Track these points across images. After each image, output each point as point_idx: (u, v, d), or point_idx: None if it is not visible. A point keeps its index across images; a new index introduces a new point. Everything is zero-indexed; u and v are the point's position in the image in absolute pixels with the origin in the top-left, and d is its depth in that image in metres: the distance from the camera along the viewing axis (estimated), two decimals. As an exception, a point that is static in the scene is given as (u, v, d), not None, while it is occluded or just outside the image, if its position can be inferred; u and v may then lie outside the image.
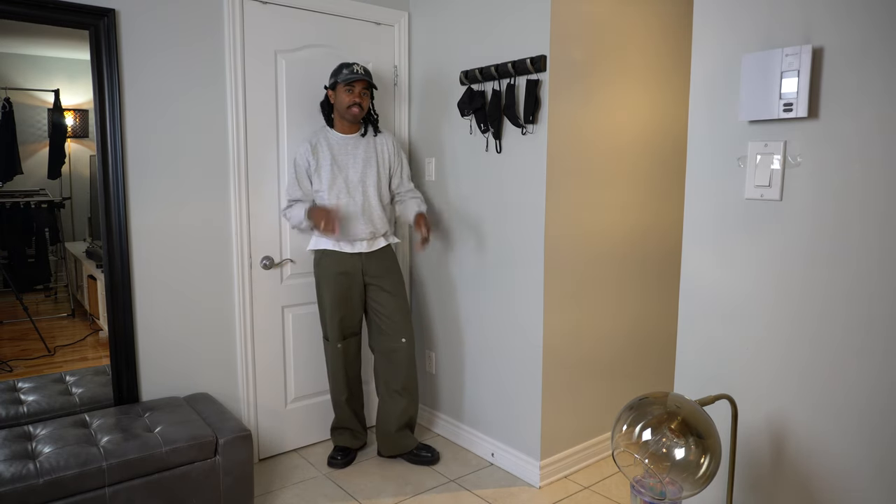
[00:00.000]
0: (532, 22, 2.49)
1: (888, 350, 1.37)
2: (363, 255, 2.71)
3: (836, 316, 1.45)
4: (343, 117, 2.66)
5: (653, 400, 1.42)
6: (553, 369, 2.65)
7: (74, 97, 2.51)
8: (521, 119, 2.56)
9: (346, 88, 2.60)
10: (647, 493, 1.39)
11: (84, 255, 2.67)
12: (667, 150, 2.99)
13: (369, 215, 2.70)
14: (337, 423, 2.89)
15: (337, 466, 2.81)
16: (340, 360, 2.77)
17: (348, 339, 2.78)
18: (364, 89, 2.63)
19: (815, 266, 1.48)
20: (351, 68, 2.59)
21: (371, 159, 2.72)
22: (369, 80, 2.62)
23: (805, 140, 1.47)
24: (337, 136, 2.70)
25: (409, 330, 2.80)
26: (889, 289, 1.36)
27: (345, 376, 2.79)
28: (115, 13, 2.31)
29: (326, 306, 2.72)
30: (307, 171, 2.67)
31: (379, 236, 2.76)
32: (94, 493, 1.96)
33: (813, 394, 1.50)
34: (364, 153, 2.71)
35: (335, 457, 2.83)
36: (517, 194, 2.64)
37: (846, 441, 1.45)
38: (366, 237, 2.70)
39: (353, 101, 2.60)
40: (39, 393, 2.40)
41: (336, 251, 2.69)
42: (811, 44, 1.43)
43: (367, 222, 2.69)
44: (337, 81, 2.61)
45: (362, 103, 2.63)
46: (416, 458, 2.84)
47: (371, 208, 2.70)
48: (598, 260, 2.77)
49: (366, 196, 2.69)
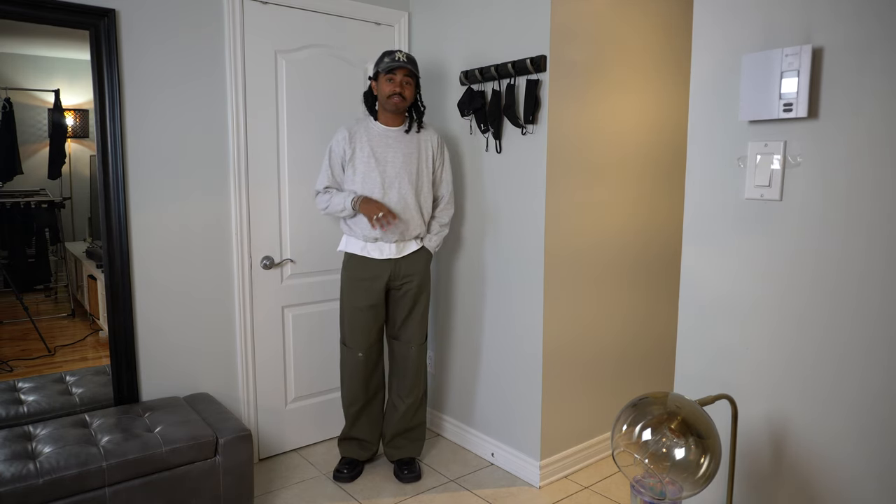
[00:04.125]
0: (532, 22, 2.49)
1: (889, 349, 1.37)
2: (392, 261, 2.56)
3: (836, 315, 1.45)
4: (385, 108, 2.51)
5: (653, 400, 1.42)
6: (553, 369, 2.65)
7: (74, 97, 2.51)
8: (521, 119, 2.56)
9: (387, 77, 2.45)
10: (647, 493, 1.39)
11: (84, 255, 2.67)
12: (667, 149, 2.99)
13: (403, 216, 2.52)
14: (346, 433, 2.74)
15: (343, 480, 2.67)
16: (360, 369, 2.63)
17: (372, 346, 2.64)
18: (407, 77, 2.47)
19: (815, 266, 1.48)
20: (392, 56, 2.45)
21: (412, 155, 2.54)
22: (412, 69, 2.47)
23: (805, 140, 1.47)
24: (379, 127, 2.54)
25: (420, 337, 2.68)
26: (890, 289, 1.36)
27: (363, 386, 2.66)
28: (115, 13, 2.31)
29: (346, 312, 2.61)
30: (342, 158, 2.53)
31: (410, 239, 2.59)
32: (94, 493, 1.96)
33: (813, 394, 1.50)
34: (405, 148, 2.54)
35: (341, 470, 2.69)
36: (517, 194, 2.64)
37: (847, 441, 1.45)
38: (395, 239, 2.54)
39: (394, 91, 2.45)
40: (39, 393, 2.40)
41: (363, 256, 2.55)
42: (811, 44, 1.43)
43: (400, 223, 2.53)
44: (379, 71, 2.48)
45: (404, 93, 2.47)
46: (398, 472, 2.71)
47: (407, 208, 2.53)
48: (599, 260, 2.77)
49: (402, 194, 2.51)
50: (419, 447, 2.78)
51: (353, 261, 2.58)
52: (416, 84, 2.53)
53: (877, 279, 1.38)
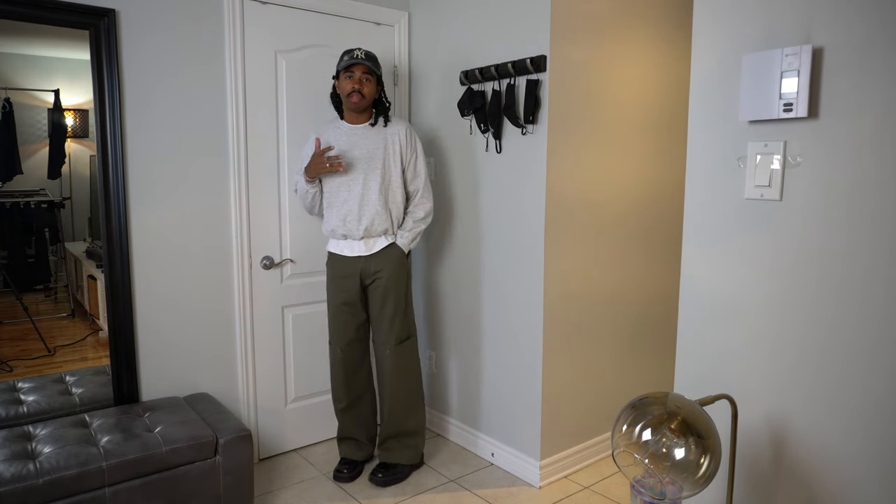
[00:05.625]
0: (532, 22, 2.49)
1: (889, 349, 1.37)
2: (362, 258, 2.57)
3: (836, 315, 1.45)
4: (347, 107, 2.54)
5: (653, 400, 1.42)
6: (553, 369, 2.65)
7: (74, 97, 2.51)
8: (521, 119, 2.56)
9: (346, 75, 2.48)
10: (647, 493, 1.39)
11: (84, 255, 2.67)
12: (668, 148, 2.98)
13: (366, 211, 2.52)
14: (340, 433, 2.76)
15: (343, 480, 2.68)
16: (340, 366, 2.66)
17: (351, 344, 2.65)
18: (366, 74, 2.48)
19: (815, 266, 1.48)
20: (351, 53, 2.47)
21: (378, 150, 2.54)
22: (370, 65, 2.47)
23: (805, 140, 1.47)
24: (345, 126, 2.58)
25: (392, 339, 2.60)
26: (890, 289, 1.36)
27: (345, 384, 2.67)
28: (115, 13, 2.31)
29: (329, 309, 2.67)
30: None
31: (376, 235, 2.57)
32: (93, 493, 1.96)
33: (813, 393, 1.50)
34: (370, 143, 2.54)
35: (341, 470, 2.70)
36: (517, 194, 2.64)
37: (847, 441, 1.45)
38: (361, 236, 2.55)
39: (353, 88, 2.47)
40: (39, 393, 2.40)
41: (338, 254, 2.60)
42: (811, 44, 1.43)
43: (364, 218, 2.53)
44: (339, 70, 2.51)
45: (363, 90, 2.48)
46: (372, 473, 2.68)
47: (370, 204, 2.52)
48: (599, 260, 2.77)
49: (365, 189, 2.52)
50: (408, 455, 2.71)
51: (331, 259, 2.65)
52: (377, 81, 2.54)
53: (877, 279, 1.38)
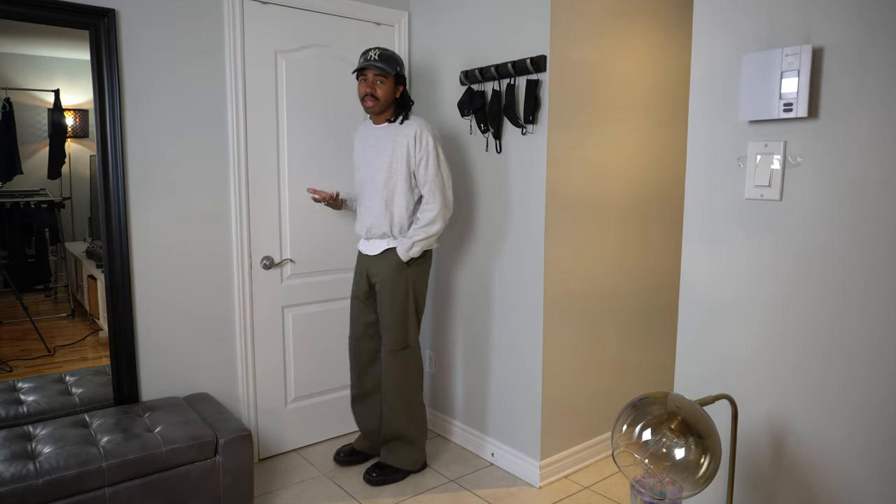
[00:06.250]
0: (532, 22, 2.49)
1: (892, 350, 1.37)
2: (369, 257, 2.62)
3: (838, 316, 1.45)
4: (363, 109, 2.54)
5: (653, 400, 1.42)
6: (553, 368, 2.65)
7: (74, 97, 2.51)
8: (521, 119, 2.56)
9: (361, 79, 2.47)
10: (647, 493, 1.39)
11: (84, 255, 2.67)
12: (668, 146, 2.98)
13: (368, 212, 2.57)
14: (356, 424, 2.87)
15: (339, 463, 2.81)
16: (351, 356, 2.76)
17: (359, 340, 2.72)
18: (378, 76, 2.43)
19: (815, 266, 1.48)
20: (366, 55, 2.42)
21: (385, 151, 2.50)
22: (383, 67, 2.40)
23: (805, 140, 1.47)
24: (369, 126, 2.61)
25: (392, 344, 2.59)
26: (893, 289, 1.36)
27: (356, 374, 2.75)
28: (115, 13, 2.31)
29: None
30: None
31: (374, 237, 2.58)
32: (93, 493, 1.96)
33: (813, 394, 1.50)
34: (381, 144, 2.52)
35: (339, 453, 2.83)
36: (517, 194, 2.64)
37: (849, 442, 1.45)
38: (362, 235, 2.63)
39: (366, 92, 2.45)
40: (39, 393, 2.40)
41: (358, 248, 2.70)
42: (811, 44, 1.43)
43: (366, 219, 2.58)
44: (354, 71, 2.50)
45: (377, 93, 2.43)
46: (366, 472, 2.69)
47: (370, 204, 2.56)
48: (599, 261, 2.77)
49: (373, 191, 2.55)
50: (405, 460, 2.69)
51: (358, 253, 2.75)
52: (394, 80, 2.47)
53: (877, 279, 1.38)
